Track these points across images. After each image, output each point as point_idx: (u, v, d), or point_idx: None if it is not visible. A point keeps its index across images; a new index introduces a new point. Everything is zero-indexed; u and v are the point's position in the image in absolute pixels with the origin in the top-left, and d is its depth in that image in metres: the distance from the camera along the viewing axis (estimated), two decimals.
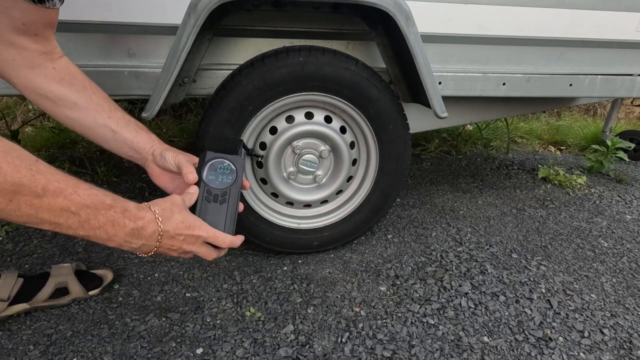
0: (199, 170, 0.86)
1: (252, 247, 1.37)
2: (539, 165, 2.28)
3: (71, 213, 0.61)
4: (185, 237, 0.75)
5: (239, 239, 0.84)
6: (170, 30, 1.09)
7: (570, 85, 1.46)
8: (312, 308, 1.13)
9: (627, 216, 1.78)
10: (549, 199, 1.90)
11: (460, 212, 1.72)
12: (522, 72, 1.40)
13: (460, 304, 1.17)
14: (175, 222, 0.74)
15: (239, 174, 0.88)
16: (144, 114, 1.05)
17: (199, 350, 0.98)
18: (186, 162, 0.86)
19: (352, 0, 1.00)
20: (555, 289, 1.27)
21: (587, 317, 1.16)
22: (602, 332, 1.10)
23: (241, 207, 0.89)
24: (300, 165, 1.22)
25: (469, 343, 1.04)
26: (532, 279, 1.31)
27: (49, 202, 0.59)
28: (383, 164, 1.26)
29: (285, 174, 1.24)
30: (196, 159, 0.89)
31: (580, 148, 2.77)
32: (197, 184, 0.84)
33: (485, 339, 1.06)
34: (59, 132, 2.16)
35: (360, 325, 1.08)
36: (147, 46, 1.12)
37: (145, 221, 0.70)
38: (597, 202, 1.91)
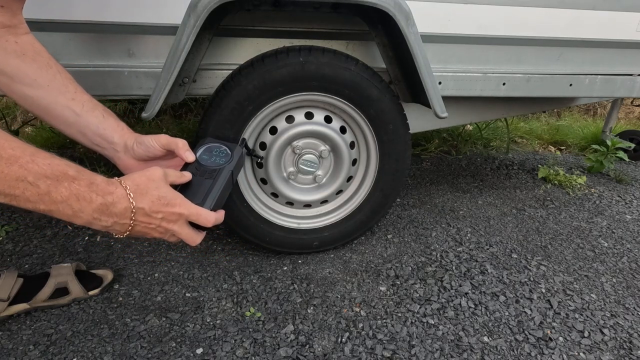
0: (195, 150, 0.85)
1: (252, 247, 1.37)
2: (539, 165, 2.28)
3: (28, 184, 0.55)
4: (164, 214, 0.69)
5: (221, 214, 0.78)
6: (170, 30, 1.09)
7: (570, 85, 1.46)
8: (312, 308, 1.13)
9: (627, 216, 1.78)
10: (549, 199, 1.90)
11: (460, 212, 1.72)
12: (522, 72, 1.40)
13: (460, 304, 1.17)
14: (152, 199, 0.68)
15: (234, 159, 0.86)
16: (144, 114, 1.05)
17: (199, 350, 0.98)
18: (175, 140, 0.81)
19: (352, 0, 1.00)
20: (555, 289, 1.27)
21: (587, 317, 1.16)
22: (602, 332, 1.10)
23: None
24: (300, 165, 1.22)
25: (469, 343, 1.04)
26: (532, 279, 1.31)
27: (2, 171, 0.53)
28: (383, 164, 1.26)
29: (285, 174, 1.24)
30: (167, 137, 0.84)
31: (580, 148, 2.77)
32: (184, 168, 0.81)
33: (485, 339, 1.06)
34: (59, 132, 2.16)
35: (360, 325, 1.08)
36: (147, 46, 1.12)
37: (116, 196, 0.64)
38: (597, 202, 1.91)
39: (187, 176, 0.78)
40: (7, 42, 0.75)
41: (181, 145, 0.82)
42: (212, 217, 0.75)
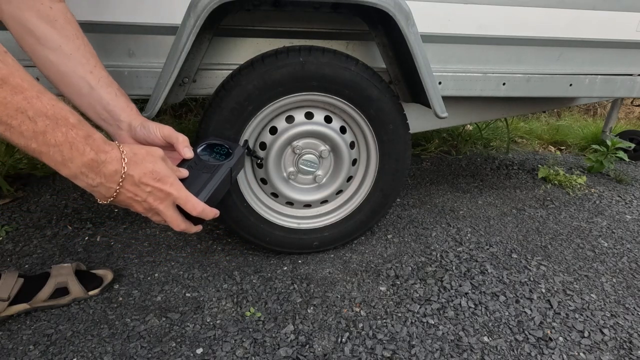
0: (196, 146, 0.85)
1: (252, 247, 1.37)
2: (539, 165, 2.28)
3: (27, 118, 0.55)
4: (153, 189, 0.69)
5: (212, 212, 0.77)
6: (170, 30, 1.09)
7: (570, 85, 1.46)
8: (312, 308, 1.13)
9: (627, 216, 1.78)
10: (549, 199, 1.90)
11: (460, 212, 1.72)
12: (522, 72, 1.40)
13: (460, 304, 1.17)
14: (144, 170, 0.67)
15: (235, 157, 0.86)
16: (143, 114, 1.05)
17: (199, 350, 0.98)
18: (177, 134, 0.82)
19: (352, 0, 1.00)
20: (555, 289, 1.27)
21: (587, 317, 1.16)
22: (602, 332, 1.10)
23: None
24: (300, 165, 1.22)
25: (469, 343, 1.04)
26: (532, 279, 1.31)
27: (5, 97, 0.53)
28: (383, 164, 1.26)
29: (285, 174, 1.24)
30: (171, 129, 0.86)
31: (580, 148, 2.77)
32: (182, 164, 0.82)
33: (485, 339, 1.06)
34: None
35: (360, 325, 1.08)
36: (147, 46, 1.12)
37: (109, 156, 0.63)
38: (597, 202, 1.91)
39: (183, 173, 0.78)
40: (42, 5, 0.77)
41: (181, 140, 0.82)
42: (199, 207, 0.74)
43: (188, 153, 0.82)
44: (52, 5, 0.79)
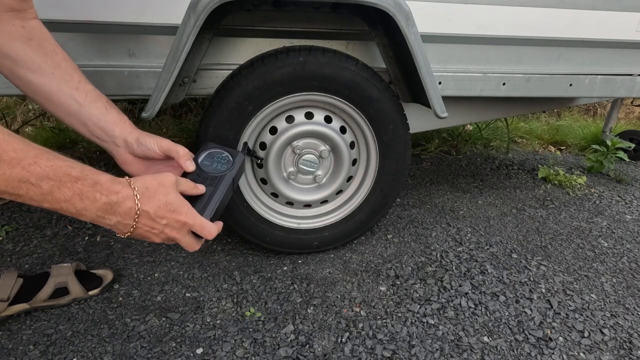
0: (196, 155, 0.84)
1: (252, 247, 1.37)
2: (539, 165, 2.28)
3: (31, 185, 0.56)
4: (169, 220, 0.69)
5: (219, 226, 0.79)
6: (170, 30, 1.09)
7: (570, 85, 1.46)
8: (312, 308, 1.13)
9: (627, 216, 1.78)
10: (549, 199, 1.90)
11: (460, 212, 1.72)
12: (522, 72, 1.40)
13: (460, 304, 1.17)
14: (158, 204, 0.68)
15: (236, 166, 0.86)
16: (144, 114, 1.05)
17: (199, 350, 0.98)
18: (177, 147, 0.81)
19: (352, 0, 1.00)
20: (555, 289, 1.27)
21: (587, 317, 1.16)
22: (602, 332, 1.10)
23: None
24: (300, 165, 1.22)
25: (469, 343, 1.04)
26: (532, 279, 1.31)
27: (4, 173, 0.54)
28: (383, 164, 1.26)
29: (285, 174, 1.24)
30: (170, 142, 0.84)
31: (580, 148, 2.77)
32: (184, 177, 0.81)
33: (485, 339, 1.06)
34: (59, 132, 2.16)
35: (360, 325, 1.08)
36: (147, 46, 1.12)
37: (121, 196, 0.64)
38: (597, 202, 1.91)
39: (200, 189, 0.78)
40: (13, 27, 0.74)
41: (182, 154, 0.81)
42: (214, 230, 0.75)
43: (190, 167, 0.81)
44: (24, 24, 0.75)
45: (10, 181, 0.55)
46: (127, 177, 0.68)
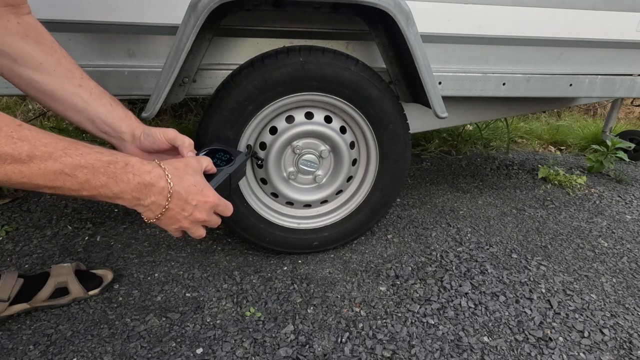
0: (199, 151, 0.86)
1: (252, 247, 1.37)
2: (539, 165, 2.28)
3: (67, 175, 0.57)
4: (198, 202, 0.71)
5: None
6: (170, 30, 1.09)
7: (570, 85, 1.46)
8: (312, 308, 1.13)
9: (627, 216, 1.78)
10: (549, 199, 1.90)
11: (460, 212, 1.72)
12: (522, 72, 1.40)
13: (460, 304, 1.17)
14: (188, 184, 0.69)
15: (236, 164, 0.87)
16: (144, 114, 1.05)
17: (199, 350, 0.98)
18: (182, 137, 0.82)
19: (352, 0, 1.00)
20: (555, 289, 1.27)
21: (587, 317, 1.16)
22: (602, 332, 1.10)
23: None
24: (300, 165, 1.22)
25: (469, 343, 1.04)
26: (532, 279, 1.31)
27: (39, 167, 0.55)
28: (383, 164, 1.26)
29: (285, 174, 1.24)
30: (176, 132, 0.85)
31: (580, 148, 2.77)
32: None
33: (485, 339, 1.06)
34: (59, 132, 2.16)
35: (360, 325, 1.08)
36: (147, 46, 1.12)
37: (153, 176, 0.65)
38: (597, 202, 1.91)
39: (213, 168, 0.80)
40: (8, 22, 0.72)
41: (187, 145, 0.82)
42: (230, 207, 0.79)
43: (190, 155, 0.82)
44: (19, 20, 0.73)
45: (47, 175, 0.56)
46: (156, 160, 0.69)
